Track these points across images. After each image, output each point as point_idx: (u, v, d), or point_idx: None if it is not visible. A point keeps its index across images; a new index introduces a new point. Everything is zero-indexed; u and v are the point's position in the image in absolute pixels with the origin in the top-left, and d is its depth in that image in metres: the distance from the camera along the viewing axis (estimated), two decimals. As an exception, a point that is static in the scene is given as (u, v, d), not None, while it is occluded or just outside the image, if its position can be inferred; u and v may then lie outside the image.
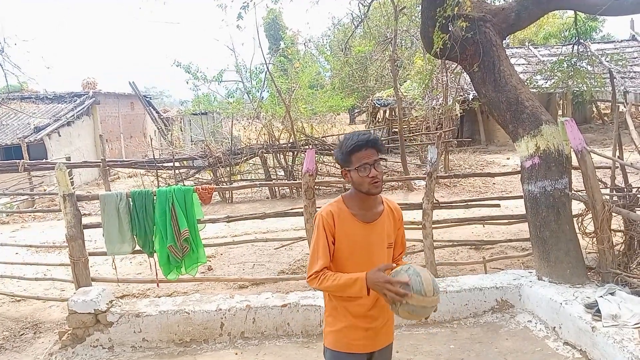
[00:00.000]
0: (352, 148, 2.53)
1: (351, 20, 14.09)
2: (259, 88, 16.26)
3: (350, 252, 2.62)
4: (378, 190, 2.59)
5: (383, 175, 2.62)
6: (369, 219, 2.64)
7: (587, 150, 4.90)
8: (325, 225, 2.61)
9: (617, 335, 3.82)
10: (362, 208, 2.64)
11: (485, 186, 12.84)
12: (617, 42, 23.17)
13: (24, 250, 8.72)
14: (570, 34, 24.81)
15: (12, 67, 7.59)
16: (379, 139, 2.60)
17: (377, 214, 2.67)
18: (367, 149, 2.53)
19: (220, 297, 5.25)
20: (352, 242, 2.61)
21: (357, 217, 2.63)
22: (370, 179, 2.53)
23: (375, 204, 2.68)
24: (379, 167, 2.56)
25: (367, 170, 2.52)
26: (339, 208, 2.65)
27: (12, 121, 19.51)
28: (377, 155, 2.56)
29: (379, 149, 2.57)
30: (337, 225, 2.61)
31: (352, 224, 2.62)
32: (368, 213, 2.65)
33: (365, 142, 2.52)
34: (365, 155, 2.52)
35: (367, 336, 2.64)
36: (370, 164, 2.52)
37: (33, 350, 5.21)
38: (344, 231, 2.61)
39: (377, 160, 2.55)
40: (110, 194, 5.47)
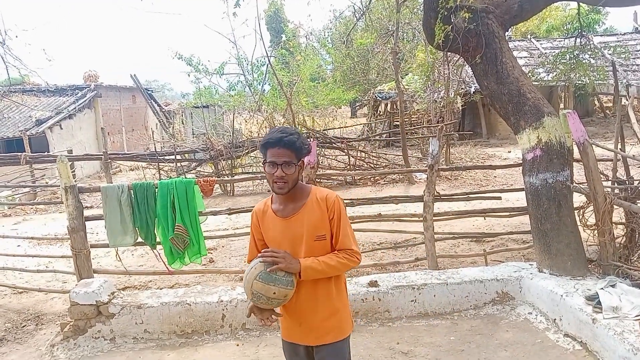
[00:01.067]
0: (265, 142, 2.53)
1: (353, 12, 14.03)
2: (260, 81, 16.27)
3: (274, 245, 2.66)
4: (282, 191, 2.55)
5: (296, 175, 2.56)
6: (286, 214, 2.64)
7: (589, 143, 4.89)
8: (252, 223, 2.79)
9: (618, 327, 3.82)
10: (280, 203, 2.67)
11: (486, 179, 12.84)
12: (619, 35, 23.07)
13: (26, 243, 8.76)
14: (572, 27, 24.71)
15: (14, 59, 7.58)
16: (294, 142, 2.50)
17: (297, 207, 2.63)
18: (279, 147, 2.49)
19: (221, 289, 5.27)
20: (272, 237, 2.68)
21: (276, 213, 2.67)
22: (276, 178, 2.51)
23: (295, 198, 2.64)
24: (287, 168, 2.50)
25: (273, 168, 2.50)
26: (266, 205, 2.74)
27: (13, 114, 19.52)
28: (290, 157, 2.50)
29: (295, 151, 2.51)
30: (261, 222, 2.72)
31: (272, 220, 2.68)
32: (286, 208, 2.64)
33: (277, 141, 2.49)
34: (276, 154, 2.49)
35: (302, 330, 2.68)
36: (278, 164, 2.49)
37: (35, 342, 5.23)
38: (266, 227, 2.70)
39: (288, 162, 2.49)
40: (112, 186, 5.48)
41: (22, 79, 20.53)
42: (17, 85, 20.91)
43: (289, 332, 2.74)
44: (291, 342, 2.75)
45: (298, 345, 2.73)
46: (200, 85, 17.50)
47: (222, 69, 15.90)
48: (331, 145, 14.49)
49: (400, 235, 7.06)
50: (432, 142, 5.99)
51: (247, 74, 16.39)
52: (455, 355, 4.30)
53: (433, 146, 5.89)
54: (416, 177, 13.16)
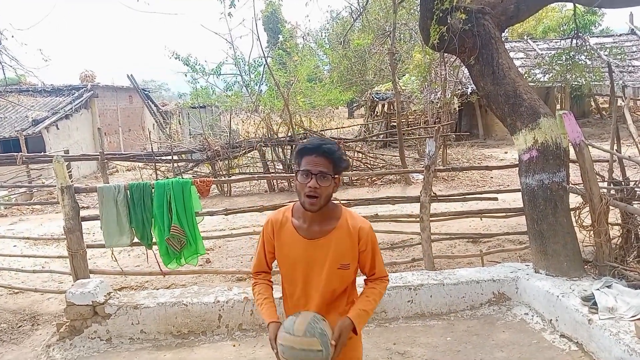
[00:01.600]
0: (302, 149, 2.32)
1: (350, 13, 14.05)
2: (257, 81, 16.25)
3: (287, 268, 2.47)
4: (312, 208, 2.29)
5: (330, 190, 2.31)
6: (311, 235, 2.39)
7: (585, 144, 4.90)
8: (265, 233, 2.52)
9: (614, 327, 3.83)
10: (305, 221, 2.40)
11: (483, 180, 12.86)
12: (616, 36, 23.17)
13: (22, 243, 8.73)
14: (569, 28, 24.74)
15: (10, 59, 7.57)
16: (335, 152, 2.28)
17: (325, 231, 2.38)
18: (317, 156, 2.25)
19: (218, 290, 5.26)
20: (288, 256, 2.44)
21: (298, 231, 2.41)
22: (308, 190, 2.25)
23: (323, 218, 2.38)
24: (323, 180, 2.24)
25: (307, 177, 2.25)
26: (285, 216, 2.47)
27: (10, 114, 19.46)
28: (327, 167, 2.26)
29: (334, 162, 2.28)
30: (276, 235, 2.46)
31: (292, 237, 2.42)
32: (312, 228, 2.39)
33: (315, 147, 2.27)
34: (312, 162, 2.25)
35: None
36: (313, 173, 2.24)
37: (31, 342, 5.22)
38: (282, 243, 2.45)
39: (323, 173, 2.24)
40: (108, 187, 5.47)
41: (19, 79, 20.43)
42: (13, 85, 20.84)
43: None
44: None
45: None
46: (197, 85, 17.49)
47: (219, 70, 15.89)
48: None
49: (397, 236, 7.07)
50: (429, 143, 6.00)
51: (244, 74, 16.38)
52: (451, 355, 4.31)
53: (430, 147, 5.90)
54: (413, 177, 13.17)
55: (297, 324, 2.26)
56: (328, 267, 2.38)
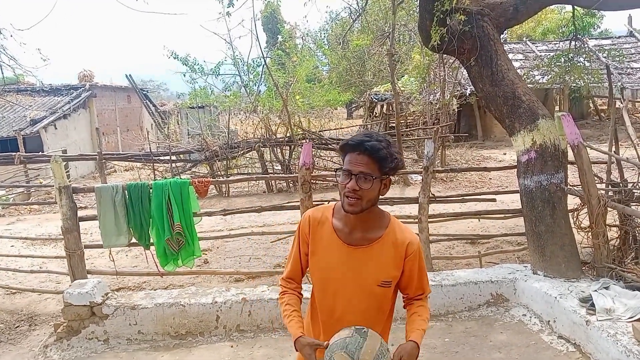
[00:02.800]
0: (344, 145, 2.06)
1: (349, 14, 14.05)
2: (256, 82, 16.24)
3: (320, 273, 2.20)
4: (351, 209, 2.03)
5: (374, 194, 2.05)
6: (353, 241, 2.14)
7: (583, 145, 4.90)
8: (300, 230, 2.25)
9: (611, 329, 3.84)
10: (347, 224, 2.15)
11: (481, 181, 12.87)
12: (614, 38, 23.20)
13: (19, 243, 8.71)
14: (568, 30, 24.79)
15: (8, 59, 7.55)
16: (380, 150, 1.99)
17: (368, 239, 2.13)
18: (359, 153, 2.00)
19: (216, 290, 5.25)
20: (325, 261, 2.17)
21: (338, 234, 2.15)
22: (347, 191, 2.01)
23: (367, 226, 2.13)
24: (364, 182, 2.00)
25: (347, 177, 2.02)
26: (324, 215, 2.21)
27: (8, 113, 19.43)
28: (370, 167, 2.00)
29: (378, 162, 2.00)
30: (313, 233, 2.20)
31: (330, 238, 2.16)
32: (354, 234, 2.14)
33: (357, 144, 2.01)
34: (354, 160, 2.01)
35: None
36: (354, 173, 2.00)
37: (28, 343, 5.20)
38: (319, 244, 2.19)
39: (365, 174, 1.99)
40: (106, 187, 5.46)
41: (17, 79, 20.43)
42: (11, 84, 20.79)
43: None
44: None
45: None
46: (196, 85, 17.47)
47: (218, 70, 15.88)
48: (327, 146, 14.48)
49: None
50: (427, 144, 6.00)
51: (242, 74, 16.39)
52: (449, 356, 4.31)
53: (428, 148, 5.90)
54: (411, 178, 13.18)
55: (364, 352, 1.96)
56: (367, 282, 2.13)
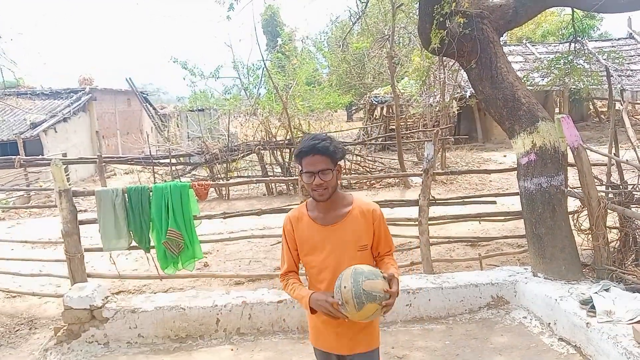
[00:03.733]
0: (299, 152, 2.49)
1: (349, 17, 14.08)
2: (256, 84, 16.25)
3: (314, 256, 2.62)
4: (322, 199, 2.52)
5: (335, 181, 2.52)
6: (328, 221, 2.60)
7: (583, 147, 4.91)
8: (285, 231, 2.70)
9: (612, 331, 3.83)
10: (320, 211, 2.62)
11: (481, 183, 12.86)
12: (614, 40, 23.19)
13: (19, 246, 8.70)
14: (567, 32, 24.85)
15: (9, 62, 7.57)
16: (328, 147, 2.46)
17: (340, 216, 2.60)
18: (313, 155, 2.45)
19: (216, 293, 5.25)
20: (312, 245, 2.62)
21: (315, 221, 2.61)
22: (314, 187, 2.48)
23: (336, 206, 2.61)
24: (325, 175, 2.45)
25: (311, 177, 2.46)
26: (300, 212, 2.68)
27: (8, 117, 19.44)
28: (326, 163, 2.45)
29: (330, 156, 2.47)
30: (296, 230, 2.65)
31: (311, 228, 2.62)
32: (327, 216, 2.60)
33: (310, 149, 2.45)
34: (311, 162, 2.45)
35: (338, 338, 2.65)
36: (315, 172, 2.44)
37: (28, 346, 5.20)
38: (303, 235, 2.63)
39: (324, 170, 2.45)
40: (106, 190, 5.46)
41: (17, 82, 20.47)
42: (11, 88, 20.82)
43: (324, 342, 2.71)
44: (324, 350, 2.73)
45: (331, 354, 2.72)
46: (195, 88, 17.49)
47: (218, 73, 15.89)
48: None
49: (395, 239, 6.98)
50: (427, 146, 6.00)
51: (242, 77, 16.39)
52: (450, 359, 4.30)
53: (428, 150, 5.91)
54: (412, 181, 13.18)
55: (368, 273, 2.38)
56: (349, 249, 2.57)
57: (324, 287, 2.60)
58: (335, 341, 2.66)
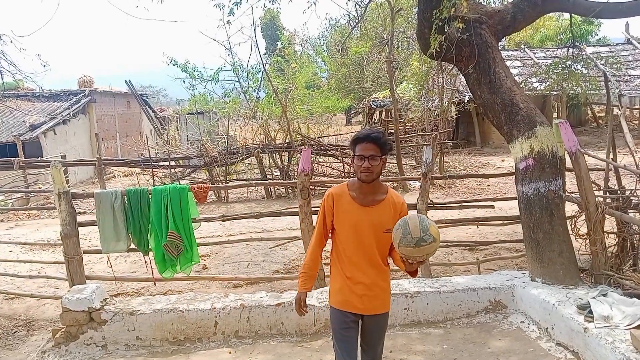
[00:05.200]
0: (355, 138, 3.02)
1: (348, 21, 14.11)
2: (255, 88, 16.26)
3: (346, 229, 3.07)
4: (367, 179, 2.99)
5: (379, 168, 2.99)
6: (365, 203, 3.05)
7: (581, 152, 4.93)
8: (326, 203, 3.16)
9: (609, 336, 3.84)
10: (360, 192, 3.07)
11: (479, 187, 12.89)
12: (612, 46, 23.31)
13: (18, 248, 8.71)
14: (566, 37, 24.90)
15: (8, 64, 7.58)
16: (380, 138, 2.97)
17: (376, 200, 3.06)
18: (367, 142, 2.96)
19: (214, 296, 5.25)
20: (346, 219, 3.07)
21: (355, 200, 3.07)
22: (363, 169, 2.95)
23: (375, 191, 3.07)
24: (373, 160, 2.94)
25: (361, 160, 2.95)
26: (342, 190, 3.13)
27: (7, 119, 19.44)
28: (375, 151, 2.95)
29: (380, 146, 2.96)
30: (336, 205, 3.10)
31: (350, 204, 3.08)
32: (366, 198, 3.05)
33: (364, 137, 2.98)
34: (364, 148, 2.95)
35: (361, 300, 3.07)
36: (365, 156, 2.94)
37: (26, 348, 5.20)
38: (342, 210, 3.09)
39: (373, 156, 2.94)
40: (105, 192, 5.47)
41: (17, 84, 20.46)
42: (11, 90, 20.83)
43: (345, 302, 3.08)
44: (344, 310, 3.09)
45: (349, 313, 3.08)
46: (195, 91, 17.48)
47: (217, 76, 15.89)
48: (326, 152, 14.52)
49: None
50: (426, 151, 6.02)
51: (242, 81, 16.40)
52: (447, 363, 4.31)
53: (427, 154, 5.93)
54: (410, 185, 13.20)
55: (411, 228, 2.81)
56: (376, 230, 3.04)
57: (347, 255, 3.08)
58: (359, 302, 3.06)
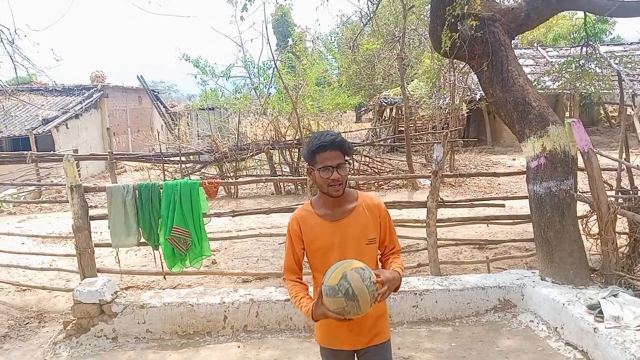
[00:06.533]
0: (317, 148, 2.50)
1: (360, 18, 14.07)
2: (266, 84, 16.29)
3: (322, 253, 2.62)
4: (337, 194, 2.54)
5: (346, 178, 2.56)
6: (336, 217, 2.62)
7: (593, 152, 4.89)
8: (291, 231, 2.69)
9: (619, 336, 3.82)
10: (327, 208, 2.64)
11: (490, 186, 12.83)
12: (626, 45, 23.06)
13: (30, 241, 8.80)
14: (579, 36, 24.67)
15: (22, 59, 7.63)
16: (345, 142, 2.54)
17: (347, 211, 2.62)
18: (331, 150, 2.49)
19: (224, 291, 5.29)
20: (320, 242, 2.62)
21: (323, 217, 2.63)
22: (330, 181, 2.50)
23: (343, 202, 2.63)
24: (342, 170, 2.51)
25: (329, 172, 2.49)
26: (306, 211, 2.69)
27: (20, 113, 19.62)
28: (342, 158, 2.51)
29: (345, 152, 2.53)
30: (303, 229, 2.65)
31: (319, 225, 2.63)
32: (335, 212, 2.62)
33: (329, 144, 2.49)
34: (329, 157, 2.49)
35: (351, 335, 2.62)
36: (333, 167, 2.49)
37: (37, 339, 5.26)
38: (312, 233, 2.63)
39: (341, 164, 2.50)
40: (117, 186, 5.51)
41: (30, 78, 20.63)
42: (24, 84, 21.00)
43: (335, 339, 2.67)
44: (334, 348, 2.69)
45: (341, 350, 2.68)
46: (206, 87, 17.54)
47: (229, 72, 15.94)
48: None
49: (403, 241, 7.05)
50: (436, 149, 6.00)
51: (253, 77, 16.44)
52: (456, 361, 4.30)
53: (437, 152, 5.91)
54: (420, 183, 13.17)
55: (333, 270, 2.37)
56: (358, 243, 2.59)
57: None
58: (348, 337, 2.62)
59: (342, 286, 2.27)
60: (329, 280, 2.33)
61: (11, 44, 7.22)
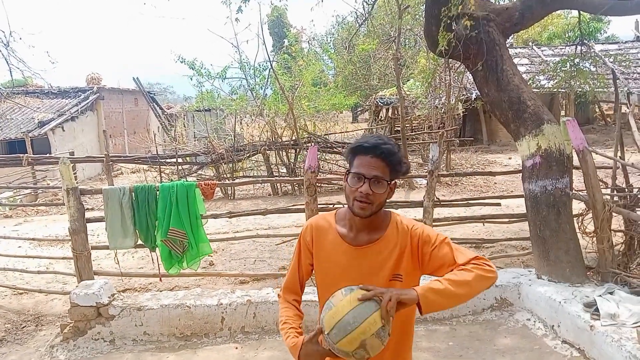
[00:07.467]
0: (356, 147, 1.98)
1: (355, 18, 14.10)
2: (262, 85, 16.28)
3: (331, 280, 2.05)
4: (362, 213, 1.96)
5: (384, 198, 1.97)
6: (359, 242, 2.05)
7: (589, 150, 4.91)
8: (302, 240, 2.18)
9: (616, 334, 3.84)
10: (351, 229, 2.07)
11: (486, 185, 12.85)
12: (621, 43, 23.11)
13: (26, 244, 8.78)
14: (574, 35, 24.75)
15: (17, 61, 7.62)
16: (394, 154, 1.94)
17: (372, 239, 2.04)
18: (373, 157, 1.93)
19: (221, 292, 5.29)
20: (333, 266, 2.07)
21: (344, 238, 2.07)
22: (358, 194, 1.93)
23: (372, 225, 2.04)
24: (376, 186, 1.92)
25: (359, 181, 1.93)
26: (326, 221, 2.14)
27: (16, 115, 19.58)
28: (384, 171, 1.93)
29: (391, 166, 1.95)
30: (316, 242, 2.12)
31: (336, 243, 2.08)
32: (359, 237, 2.05)
33: (372, 147, 1.93)
34: (367, 164, 1.93)
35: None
36: (367, 177, 1.92)
37: (35, 343, 5.25)
38: (324, 251, 2.10)
39: (379, 178, 1.92)
40: (113, 189, 5.50)
41: (25, 81, 20.60)
42: (20, 87, 20.96)
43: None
44: None
45: None
46: (202, 88, 17.53)
47: (225, 73, 15.94)
48: (332, 149, 14.51)
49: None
50: (432, 148, 6.02)
51: (249, 78, 16.43)
52: (453, 360, 4.32)
53: (433, 152, 5.92)
54: (416, 182, 13.18)
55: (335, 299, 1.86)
56: (378, 278, 2.00)
57: None
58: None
59: (358, 354, 1.80)
60: (341, 343, 1.79)
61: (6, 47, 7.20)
